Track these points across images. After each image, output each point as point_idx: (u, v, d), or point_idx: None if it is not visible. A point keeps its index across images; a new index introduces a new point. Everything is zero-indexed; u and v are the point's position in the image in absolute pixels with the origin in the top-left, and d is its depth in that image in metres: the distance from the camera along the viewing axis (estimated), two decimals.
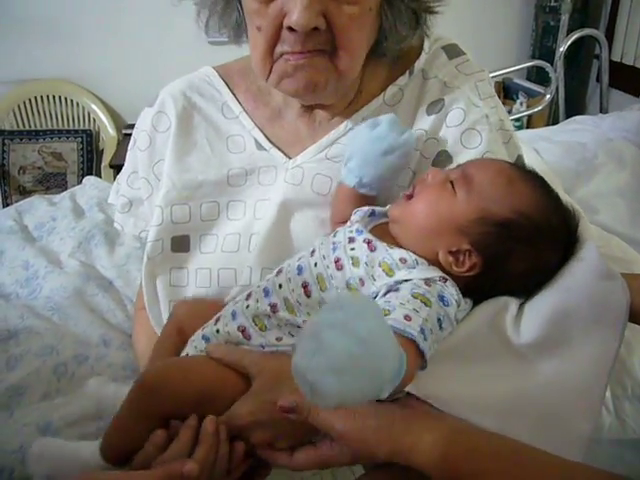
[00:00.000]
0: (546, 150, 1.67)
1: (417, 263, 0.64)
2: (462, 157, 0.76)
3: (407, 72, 0.82)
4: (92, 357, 1.00)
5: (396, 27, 0.75)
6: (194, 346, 0.73)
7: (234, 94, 0.88)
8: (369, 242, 0.66)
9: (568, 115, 2.57)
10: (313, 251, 0.71)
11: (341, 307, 0.44)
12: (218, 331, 0.71)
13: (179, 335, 0.77)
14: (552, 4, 2.83)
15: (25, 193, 2.65)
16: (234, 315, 0.71)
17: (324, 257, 0.68)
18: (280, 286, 0.69)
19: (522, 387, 0.62)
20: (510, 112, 2.83)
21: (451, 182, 0.68)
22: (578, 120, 2.00)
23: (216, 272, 0.81)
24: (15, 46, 2.58)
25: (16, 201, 2.60)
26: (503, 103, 2.86)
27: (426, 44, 0.83)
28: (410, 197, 0.70)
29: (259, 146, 0.84)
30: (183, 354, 0.74)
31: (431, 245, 0.66)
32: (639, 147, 1.64)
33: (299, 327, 0.66)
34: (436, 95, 0.80)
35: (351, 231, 0.70)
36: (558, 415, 0.62)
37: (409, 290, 0.60)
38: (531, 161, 1.35)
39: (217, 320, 0.73)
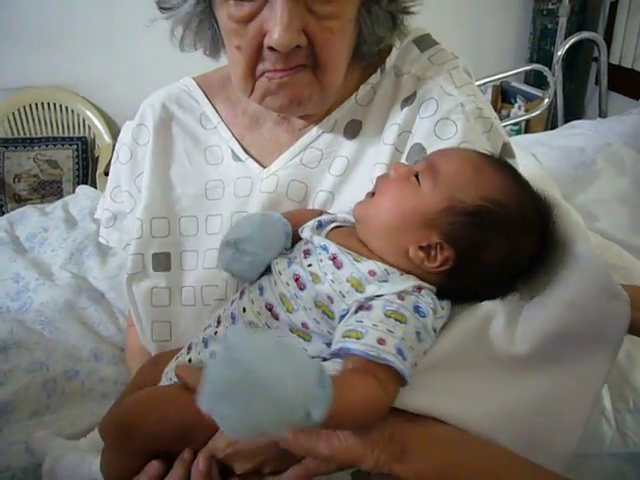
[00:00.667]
0: (544, 155, 1.66)
1: (387, 274, 0.61)
2: (437, 148, 0.72)
3: (378, 70, 0.80)
4: (83, 372, 0.98)
5: (374, 31, 0.73)
6: (169, 378, 0.70)
7: (213, 104, 0.86)
8: (334, 258, 0.62)
9: (567, 119, 2.56)
10: (269, 267, 0.68)
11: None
12: (190, 360, 0.69)
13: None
14: (550, 7, 2.82)
15: (20, 201, 2.64)
16: (205, 343, 0.69)
17: (280, 273, 0.65)
18: (244, 310, 0.66)
19: (509, 401, 0.60)
20: (508, 116, 2.82)
21: (416, 175, 0.64)
22: (577, 124, 1.98)
23: (199, 290, 0.79)
24: (10, 54, 2.57)
25: (11, 209, 2.60)
26: (501, 107, 2.83)
27: (394, 39, 0.80)
28: (373, 195, 0.67)
29: (235, 157, 0.83)
30: None
31: (400, 243, 0.62)
32: (638, 151, 1.62)
33: None
34: (410, 90, 0.77)
35: (306, 243, 0.66)
36: (542, 432, 0.60)
37: (382, 308, 0.57)
38: (529, 166, 1.35)
39: (189, 349, 0.71)
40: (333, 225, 0.70)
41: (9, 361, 0.99)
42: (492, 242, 0.61)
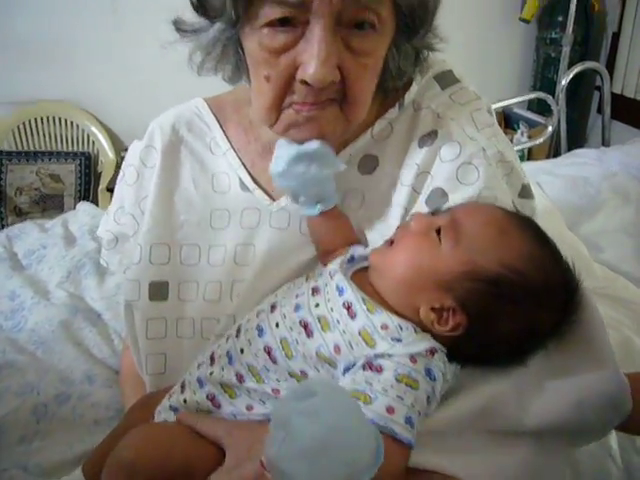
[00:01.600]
0: (548, 184, 1.65)
1: (401, 330, 0.58)
2: (459, 194, 0.70)
3: (397, 104, 0.78)
4: (74, 396, 0.96)
5: (399, 66, 0.72)
6: (163, 418, 0.68)
7: (223, 129, 0.84)
8: (349, 307, 0.60)
9: (569, 146, 2.56)
10: (273, 307, 0.65)
11: (312, 394, 0.44)
12: (185, 401, 0.66)
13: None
14: (553, 36, 2.84)
15: (21, 214, 2.63)
16: (200, 383, 0.66)
17: (284, 316, 0.62)
18: (242, 351, 0.64)
19: (505, 464, 0.60)
20: (511, 142, 2.83)
21: (437, 230, 0.62)
22: (580, 153, 1.98)
23: (199, 322, 0.76)
24: (16, 68, 2.57)
25: (11, 222, 2.60)
26: (504, 133, 2.85)
27: (417, 74, 0.78)
28: (392, 243, 0.64)
29: (243, 186, 0.80)
30: None
31: (412, 299, 0.60)
32: None
33: (270, 394, 0.61)
34: (429, 127, 0.75)
35: (317, 280, 0.65)
36: None
37: (393, 371, 0.54)
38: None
39: (182, 387, 0.68)
40: (364, 265, 0.68)
41: (0, 382, 0.97)
42: (509, 313, 0.59)
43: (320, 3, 0.59)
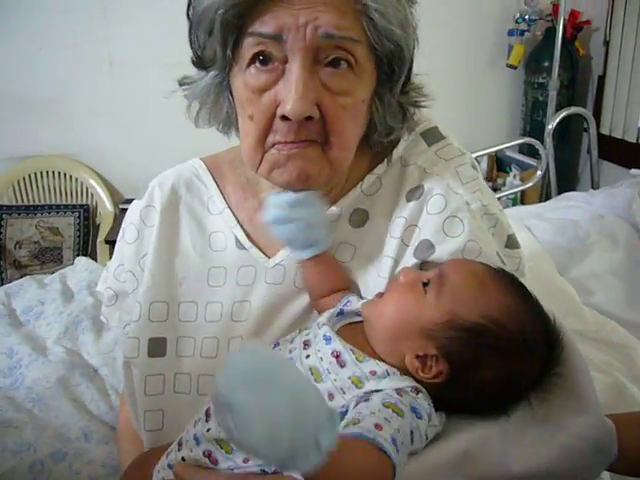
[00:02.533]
0: (538, 227, 1.68)
1: (388, 374, 0.61)
2: (445, 246, 0.73)
3: (385, 160, 0.81)
4: (71, 454, 0.96)
5: (385, 120, 0.75)
6: (160, 478, 0.69)
7: (220, 189, 0.87)
8: (337, 356, 0.62)
9: (561, 187, 2.61)
10: None
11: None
12: (184, 459, 0.67)
13: None
14: (540, 81, 2.92)
15: (20, 267, 2.65)
16: (197, 440, 0.67)
17: None
18: None
19: None
20: (504, 184, 2.87)
21: (425, 283, 0.65)
22: (569, 196, 2.01)
23: (196, 378, 0.77)
24: (15, 123, 2.64)
25: (10, 275, 2.62)
26: (497, 176, 2.89)
27: (405, 130, 0.82)
28: (381, 295, 0.68)
29: (239, 244, 0.83)
30: None
31: (398, 347, 0.63)
32: (631, 224, 1.64)
33: None
34: (416, 182, 0.79)
35: (308, 334, 0.67)
36: None
37: (380, 399, 0.57)
38: (525, 240, 1.36)
39: (180, 445, 0.69)
40: (353, 320, 0.70)
41: None
42: (489, 362, 0.61)
43: (294, 37, 0.64)
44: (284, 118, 0.67)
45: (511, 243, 0.80)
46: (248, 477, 0.61)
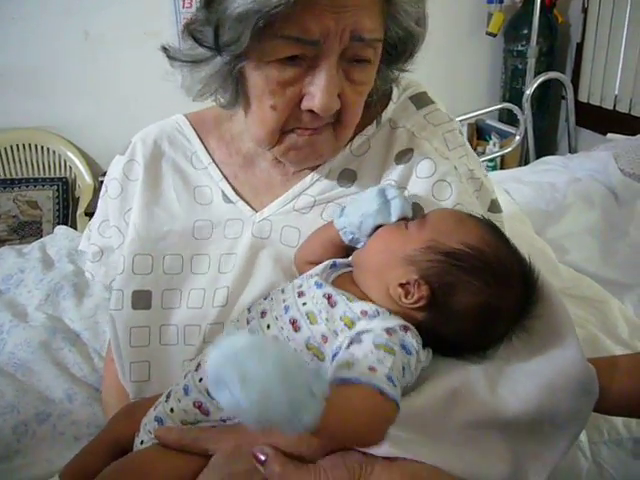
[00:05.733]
0: (517, 191, 1.70)
1: (378, 313, 0.63)
2: (434, 208, 0.75)
3: (374, 122, 0.83)
4: (54, 415, 0.96)
5: (377, 86, 0.78)
6: (147, 430, 0.68)
7: (204, 144, 0.87)
8: (329, 297, 0.65)
9: (540, 154, 2.63)
10: (263, 312, 0.68)
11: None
12: (172, 410, 0.67)
13: (115, 447, 0.72)
14: (519, 49, 2.92)
15: None
16: (186, 390, 0.67)
17: (276, 318, 0.66)
18: None
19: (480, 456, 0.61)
20: (484, 152, 2.89)
21: (406, 224, 0.69)
22: (547, 160, 2.03)
23: (182, 329, 0.78)
24: None
25: None
26: (477, 144, 2.93)
27: (395, 93, 0.84)
28: None
29: (226, 199, 0.84)
30: (137, 441, 0.69)
31: (383, 281, 0.66)
32: (607, 187, 1.67)
33: None
34: (404, 145, 0.80)
35: (300, 285, 0.68)
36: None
37: (371, 340, 0.59)
38: (503, 203, 1.37)
39: (168, 397, 0.69)
40: (346, 270, 0.72)
41: None
42: (467, 286, 0.63)
43: (332, 41, 0.65)
44: (310, 111, 0.69)
45: (494, 207, 0.83)
46: (240, 427, 0.61)
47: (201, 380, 0.66)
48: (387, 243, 0.68)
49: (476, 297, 0.64)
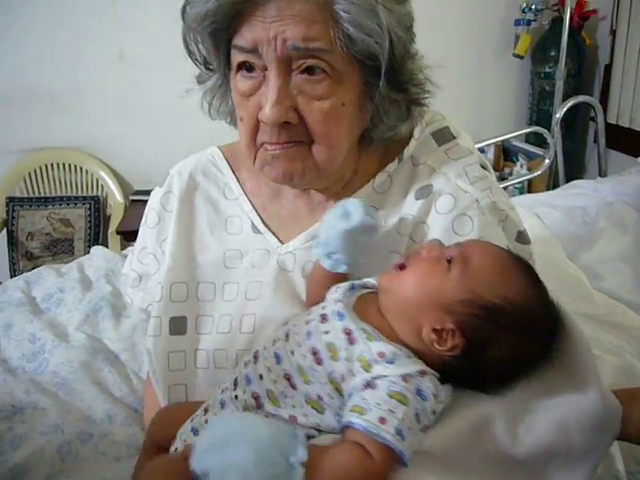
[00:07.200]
0: (547, 215, 1.69)
1: (395, 356, 0.63)
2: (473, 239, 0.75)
3: (396, 159, 0.84)
4: (96, 435, 0.99)
5: (382, 119, 0.77)
6: (183, 439, 0.72)
7: (236, 175, 0.91)
8: (349, 333, 0.64)
9: (568, 176, 2.62)
10: (287, 335, 0.69)
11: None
12: (207, 422, 0.70)
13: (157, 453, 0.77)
14: (547, 70, 2.92)
15: (32, 259, 2.68)
16: (223, 404, 0.70)
17: (299, 344, 0.67)
18: (261, 377, 0.68)
19: None
20: (511, 174, 2.88)
21: (448, 260, 0.67)
22: (577, 184, 2.03)
23: (212, 353, 0.81)
24: (27, 117, 2.66)
25: (23, 266, 2.65)
26: (504, 166, 2.91)
27: (416, 130, 0.84)
28: (402, 267, 0.69)
29: (255, 229, 0.87)
30: (172, 448, 0.72)
31: (416, 320, 0.65)
32: (639, 211, 1.66)
33: (286, 419, 0.65)
34: (425, 180, 0.81)
35: (324, 307, 0.69)
36: None
37: (386, 389, 0.60)
38: (534, 227, 1.38)
39: (206, 410, 0.72)
40: (366, 291, 0.73)
41: (25, 422, 1.00)
42: (501, 339, 0.64)
43: (267, 50, 0.69)
44: (263, 122, 0.72)
45: (522, 239, 0.83)
46: None
47: (237, 398, 0.69)
48: (427, 281, 0.66)
49: (509, 351, 0.65)
